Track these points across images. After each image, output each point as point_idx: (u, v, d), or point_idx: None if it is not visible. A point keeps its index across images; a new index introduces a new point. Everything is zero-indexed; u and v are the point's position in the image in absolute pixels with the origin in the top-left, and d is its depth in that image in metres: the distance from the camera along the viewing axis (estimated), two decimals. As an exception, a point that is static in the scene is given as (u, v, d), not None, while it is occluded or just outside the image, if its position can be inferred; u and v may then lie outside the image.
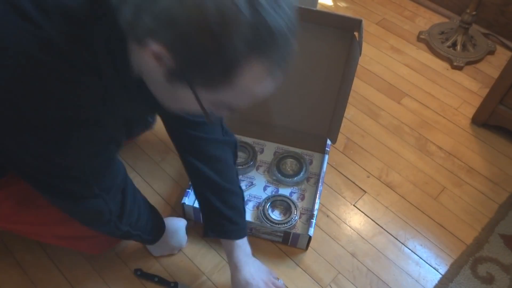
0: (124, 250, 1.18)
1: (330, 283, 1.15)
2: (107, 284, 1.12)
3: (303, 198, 1.29)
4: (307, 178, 1.33)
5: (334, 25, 1.10)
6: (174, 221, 1.16)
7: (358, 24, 1.04)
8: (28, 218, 0.91)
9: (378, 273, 1.18)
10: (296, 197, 1.29)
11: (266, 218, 1.20)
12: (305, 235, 1.15)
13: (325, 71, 1.20)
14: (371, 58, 1.76)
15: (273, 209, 1.25)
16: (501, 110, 1.45)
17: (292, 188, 1.31)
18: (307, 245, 1.18)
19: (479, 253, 1.22)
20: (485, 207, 1.33)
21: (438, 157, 1.44)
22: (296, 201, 1.26)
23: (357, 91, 1.62)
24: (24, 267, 1.14)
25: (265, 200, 1.25)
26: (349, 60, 1.14)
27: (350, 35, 1.12)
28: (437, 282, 1.17)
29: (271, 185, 1.31)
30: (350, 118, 1.54)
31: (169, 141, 1.05)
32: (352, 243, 1.23)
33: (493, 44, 1.83)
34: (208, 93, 0.59)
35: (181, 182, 1.32)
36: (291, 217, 1.21)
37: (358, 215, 1.29)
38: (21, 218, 0.91)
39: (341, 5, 2.00)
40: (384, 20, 1.94)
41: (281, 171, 1.32)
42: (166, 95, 0.65)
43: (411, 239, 1.25)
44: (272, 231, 1.17)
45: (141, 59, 0.59)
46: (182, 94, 0.60)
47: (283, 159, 1.35)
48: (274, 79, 0.59)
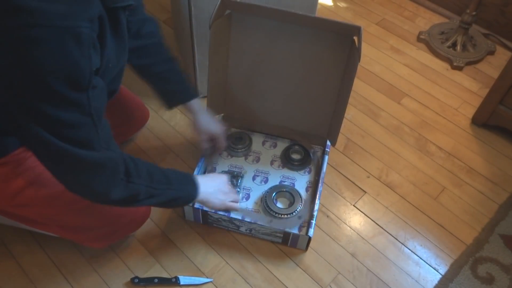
0: (124, 250, 1.18)
1: (330, 283, 1.15)
2: (107, 284, 1.12)
3: (307, 190, 1.30)
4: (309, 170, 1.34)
5: (334, 31, 1.12)
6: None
7: (358, 30, 1.05)
8: (36, 201, 0.91)
9: (378, 273, 1.18)
10: (303, 188, 1.29)
11: (268, 208, 1.21)
12: (304, 236, 1.15)
13: (325, 74, 1.21)
14: (371, 59, 1.76)
15: (277, 200, 1.25)
16: (501, 110, 1.45)
17: (301, 172, 1.33)
18: (307, 245, 1.19)
19: (479, 253, 1.22)
20: (485, 207, 1.33)
21: (438, 157, 1.44)
22: (301, 192, 1.26)
23: (357, 91, 1.62)
24: (24, 267, 1.14)
25: (270, 190, 1.25)
26: (349, 64, 1.15)
27: (349, 40, 1.12)
28: (437, 282, 1.17)
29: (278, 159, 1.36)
30: (350, 118, 1.54)
31: (169, 141, 1.05)
32: (352, 243, 1.23)
33: (493, 44, 1.83)
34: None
35: (181, 182, 1.32)
36: (295, 208, 1.21)
37: (358, 216, 1.29)
38: (30, 201, 0.91)
39: (341, 5, 2.00)
40: (384, 20, 1.94)
41: (289, 156, 1.35)
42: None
43: (411, 239, 1.25)
44: (271, 232, 1.17)
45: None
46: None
47: (291, 147, 1.37)
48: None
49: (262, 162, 1.35)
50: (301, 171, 1.33)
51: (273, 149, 1.39)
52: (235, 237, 1.21)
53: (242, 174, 1.31)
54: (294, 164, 1.33)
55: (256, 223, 1.16)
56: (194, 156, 1.38)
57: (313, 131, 1.35)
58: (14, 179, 0.90)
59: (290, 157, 1.34)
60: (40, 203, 0.94)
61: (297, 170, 1.33)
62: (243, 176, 1.31)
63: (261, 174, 1.32)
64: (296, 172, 1.33)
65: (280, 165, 1.35)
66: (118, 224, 1.08)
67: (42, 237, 1.18)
